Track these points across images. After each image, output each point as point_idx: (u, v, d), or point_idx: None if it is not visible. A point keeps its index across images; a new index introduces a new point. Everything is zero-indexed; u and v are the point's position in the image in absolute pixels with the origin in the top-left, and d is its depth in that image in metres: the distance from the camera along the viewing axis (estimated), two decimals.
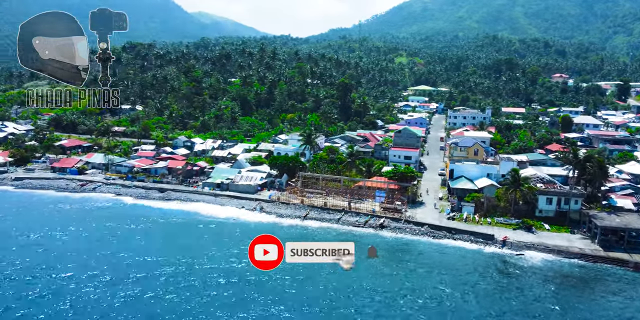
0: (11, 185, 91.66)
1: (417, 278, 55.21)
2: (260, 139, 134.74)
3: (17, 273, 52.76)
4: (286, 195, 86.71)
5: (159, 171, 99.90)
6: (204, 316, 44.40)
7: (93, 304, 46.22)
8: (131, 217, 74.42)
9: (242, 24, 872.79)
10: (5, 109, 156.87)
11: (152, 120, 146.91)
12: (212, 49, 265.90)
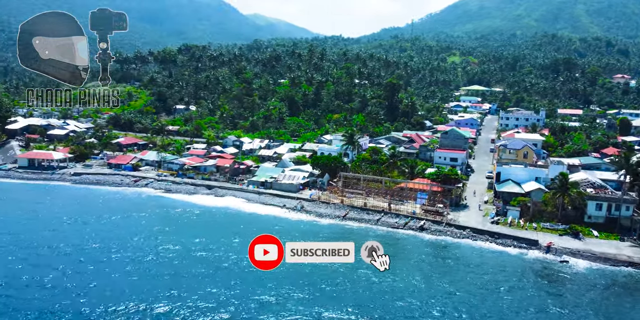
0: (69, 180, 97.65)
1: (453, 281, 54.45)
2: (305, 139, 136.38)
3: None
4: (326, 194, 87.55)
5: (208, 169, 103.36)
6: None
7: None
8: (180, 212, 77.62)
9: (295, 25, 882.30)
10: (68, 108, 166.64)
11: (205, 120, 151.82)
12: (264, 50, 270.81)
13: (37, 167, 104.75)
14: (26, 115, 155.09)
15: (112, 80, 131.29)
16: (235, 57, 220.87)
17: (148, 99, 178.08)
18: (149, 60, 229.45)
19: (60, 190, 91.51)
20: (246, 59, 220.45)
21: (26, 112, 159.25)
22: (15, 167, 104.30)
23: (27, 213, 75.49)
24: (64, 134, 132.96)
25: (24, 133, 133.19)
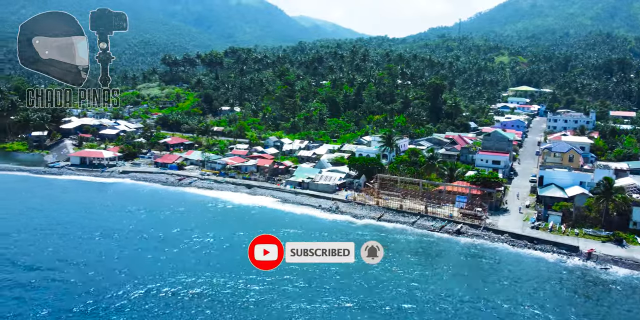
0: (118, 178, 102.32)
1: (488, 286, 53.64)
2: (345, 140, 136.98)
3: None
4: (362, 196, 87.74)
5: (248, 169, 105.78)
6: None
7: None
8: (217, 210, 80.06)
9: (340, 26, 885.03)
10: (120, 109, 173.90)
11: (248, 121, 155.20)
12: (307, 52, 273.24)
13: (88, 165, 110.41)
14: (80, 115, 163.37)
15: (161, 82, 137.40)
16: (279, 59, 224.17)
17: (195, 101, 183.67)
18: (196, 62, 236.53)
19: (109, 187, 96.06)
20: (289, 61, 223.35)
21: (80, 112, 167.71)
22: (68, 165, 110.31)
23: (78, 207, 79.89)
24: (114, 134, 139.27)
25: (78, 132, 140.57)
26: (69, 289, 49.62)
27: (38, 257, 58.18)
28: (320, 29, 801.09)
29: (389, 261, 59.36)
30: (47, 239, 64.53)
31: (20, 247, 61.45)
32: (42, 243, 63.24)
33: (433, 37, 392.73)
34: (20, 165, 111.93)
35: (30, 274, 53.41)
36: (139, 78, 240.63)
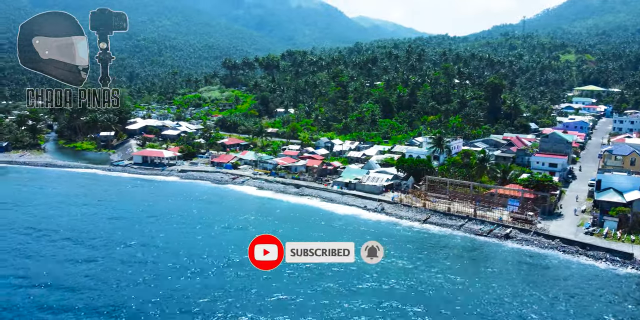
0: (177, 176, 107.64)
1: (533, 292, 52.22)
2: (396, 141, 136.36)
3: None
4: (409, 197, 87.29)
5: (298, 169, 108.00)
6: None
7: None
8: (264, 208, 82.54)
9: (401, 26, 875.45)
10: (182, 110, 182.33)
11: (301, 122, 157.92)
12: (363, 53, 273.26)
13: (149, 163, 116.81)
14: (144, 117, 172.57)
15: (222, 84, 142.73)
16: (333, 61, 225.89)
17: (252, 103, 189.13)
18: (255, 66, 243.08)
19: (168, 185, 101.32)
20: (343, 63, 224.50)
21: (145, 113, 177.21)
22: (131, 164, 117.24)
23: (139, 202, 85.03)
24: (176, 134, 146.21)
25: (142, 133, 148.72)
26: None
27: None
28: (380, 29, 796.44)
29: (433, 263, 59.07)
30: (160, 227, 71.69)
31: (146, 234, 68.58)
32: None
33: (496, 35, 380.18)
34: (88, 163, 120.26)
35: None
36: (201, 81, 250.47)
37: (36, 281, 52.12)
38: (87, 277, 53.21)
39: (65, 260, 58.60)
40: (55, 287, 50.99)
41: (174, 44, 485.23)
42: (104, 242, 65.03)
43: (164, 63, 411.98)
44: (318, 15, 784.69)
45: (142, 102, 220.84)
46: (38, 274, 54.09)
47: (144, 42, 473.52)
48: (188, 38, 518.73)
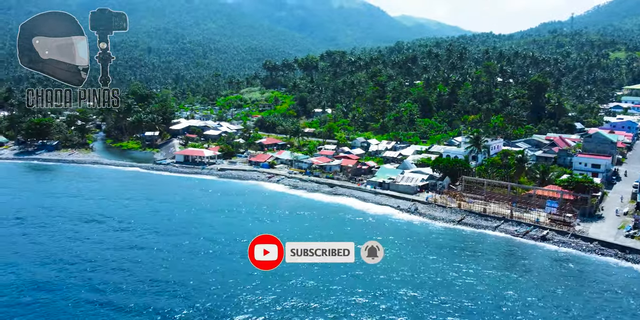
0: (215, 175, 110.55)
1: (570, 296, 50.84)
2: (435, 141, 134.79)
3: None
4: (444, 198, 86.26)
5: (332, 168, 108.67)
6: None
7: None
8: (297, 206, 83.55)
9: (445, 24, 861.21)
10: (224, 111, 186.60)
11: (338, 123, 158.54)
12: (404, 52, 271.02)
13: (190, 162, 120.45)
14: (188, 117, 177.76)
15: (262, 86, 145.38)
16: (372, 61, 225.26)
17: (291, 103, 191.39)
18: (294, 67, 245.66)
19: (206, 182, 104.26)
20: (382, 62, 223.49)
21: (188, 114, 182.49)
22: (173, 162, 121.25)
23: (179, 198, 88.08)
24: (217, 134, 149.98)
25: (185, 133, 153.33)
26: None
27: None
28: (423, 27, 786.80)
29: (465, 264, 58.40)
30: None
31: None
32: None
33: (544, 33, 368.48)
34: (133, 161, 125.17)
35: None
36: (243, 83, 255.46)
37: (86, 264, 56.14)
38: (131, 261, 55.97)
39: (113, 246, 63.08)
40: (103, 269, 54.96)
41: (218, 46, 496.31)
42: (148, 232, 69.46)
43: (209, 65, 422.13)
44: (360, 15, 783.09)
45: (186, 103, 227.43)
46: (88, 257, 58.45)
47: (190, 45, 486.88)
48: (232, 41, 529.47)
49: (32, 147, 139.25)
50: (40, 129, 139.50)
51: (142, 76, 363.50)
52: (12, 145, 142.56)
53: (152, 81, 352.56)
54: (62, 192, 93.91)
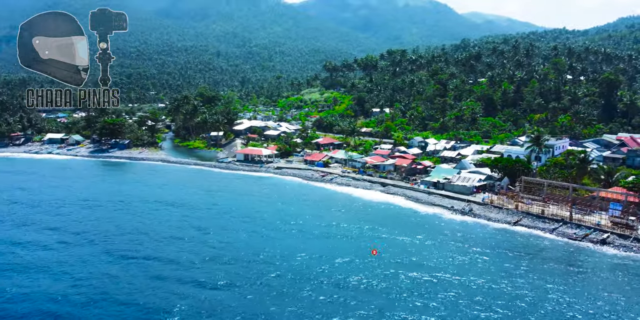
0: (272, 173, 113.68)
1: (630, 300, 48.23)
2: (497, 140, 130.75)
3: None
4: (501, 199, 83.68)
5: (386, 168, 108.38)
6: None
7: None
8: (350, 204, 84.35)
9: (516, 21, 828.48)
10: (284, 112, 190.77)
11: (396, 122, 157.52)
12: (469, 49, 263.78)
13: (249, 161, 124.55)
14: (250, 118, 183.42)
15: (322, 87, 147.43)
16: (433, 59, 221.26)
17: (349, 104, 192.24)
18: (354, 67, 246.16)
19: (263, 180, 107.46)
20: (445, 60, 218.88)
21: (251, 115, 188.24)
22: (234, 160, 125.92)
23: (235, 194, 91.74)
24: (276, 134, 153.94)
25: (247, 133, 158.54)
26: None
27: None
28: (493, 24, 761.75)
29: (517, 267, 56.73)
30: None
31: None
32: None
33: (621, 28, 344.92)
34: (197, 159, 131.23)
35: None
36: (304, 84, 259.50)
37: (152, 253, 59.88)
38: (184, 251, 59.17)
39: (173, 236, 67.12)
40: (163, 258, 58.07)
41: (283, 49, 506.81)
42: (209, 222, 74.26)
43: (273, 68, 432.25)
44: (426, 13, 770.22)
45: (250, 105, 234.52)
46: (152, 247, 62.34)
47: (256, 48, 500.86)
48: (297, 43, 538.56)
49: (106, 146, 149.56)
50: (113, 128, 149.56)
51: (211, 79, 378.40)
52: (88, 144, 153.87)
53: (219, 84, 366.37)
54: (133, 183, 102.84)
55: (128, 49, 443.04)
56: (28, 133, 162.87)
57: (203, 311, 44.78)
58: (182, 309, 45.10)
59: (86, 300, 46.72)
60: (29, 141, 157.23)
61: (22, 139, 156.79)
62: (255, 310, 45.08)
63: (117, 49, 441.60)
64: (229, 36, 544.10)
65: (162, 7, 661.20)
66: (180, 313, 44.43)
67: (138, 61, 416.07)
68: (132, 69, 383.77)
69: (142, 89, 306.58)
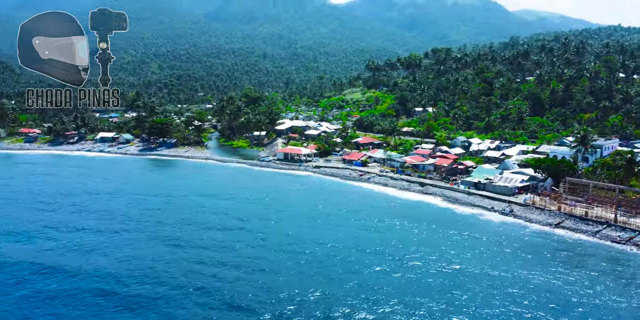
0: (310, 171, 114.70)
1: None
2: (544, 140, 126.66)
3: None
4: (543, 200, 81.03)
5: (426, 167, 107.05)
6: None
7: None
8: (385, 204, 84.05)
9: (570, 18, 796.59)
10: (326, 112, 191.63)
11: (439, 121, 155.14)
12: (519, 47, 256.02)
13: (289, 160, 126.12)
14: (292, 118, 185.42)
15: (364, 86, 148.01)
16: (479, 57, 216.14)
17: (391, 103, 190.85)
18: (397, 66, 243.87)
19: (300, 178, 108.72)
20: (491, 58, 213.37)
21: (293, 115, 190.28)
22: (274, 159, 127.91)
23: (274, 191, 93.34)
24: (316, 134, 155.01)
25: (288, 132, 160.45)
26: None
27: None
28: (545, 21, 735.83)
29: (557, 269, 55.05)
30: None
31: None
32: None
33: None
34: (240, 158, 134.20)
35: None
36: (346, 84, 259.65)
37: (195, 242, 62.70)
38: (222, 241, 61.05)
39: (215, 227, 70.09)
40: (210, 247, 60.73)
41: (327, 49, 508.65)
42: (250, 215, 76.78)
43: (318, 69, 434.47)
44: (475, 10, 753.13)
45: (293, 105, 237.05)
46: (194, 236, 65.51)
47: (301, 50, 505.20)
48: (341, 43, 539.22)
49: (154, 144, 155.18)
50: (161, 128, 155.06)
51: (256, 80, 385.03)
52: (137, 142, 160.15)
53: (265, 85, 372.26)
54: (179, 179, 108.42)
55: (178, 51, 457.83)
56: (81, 132, 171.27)
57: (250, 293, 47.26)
58: (227, 289, 48.37)
59: (139, 280, 50.33)
60: (82, 139, 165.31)
61: (75, 138, 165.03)
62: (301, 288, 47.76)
63: (168, 51, 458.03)
64: (275, 38, 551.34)
65: (211, 11, 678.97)
66: (230, 292, 47.50)
67: (188, 63, 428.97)
68: (182, 71, 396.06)
69: (191, 91, 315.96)
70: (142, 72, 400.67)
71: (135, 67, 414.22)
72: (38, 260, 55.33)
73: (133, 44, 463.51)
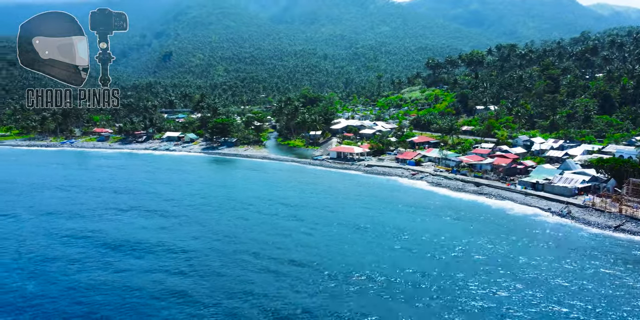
0: (362, 170, 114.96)
1: None
2: (612, 140, 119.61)
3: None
4: (604, 201, 76.74)
5: (482, 167, 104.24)
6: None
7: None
8: (432, 202, 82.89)
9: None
10: (382, 111, 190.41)
11: (500, 120, 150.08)
12: (589, 43, 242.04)
13: (342, 158, 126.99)
14: (348, 118, 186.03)
15: (424, 84, 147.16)
16: (545, 53, 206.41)
17: (451, 101, 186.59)
18: (458, 63, 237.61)
19: (351, 177, 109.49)
20: (558, 54, 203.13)
21: (349, 115, 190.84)
22: (327, 158, 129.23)
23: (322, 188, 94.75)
24: (371, 133, 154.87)
25: (343, 132, 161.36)
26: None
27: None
28: (621, 16, 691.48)
29: (612, 276, 52.44)
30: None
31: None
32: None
33: None
34: (295, 157, 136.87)
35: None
36: (404, 83, 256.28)
37: (239, 237, 64.78)
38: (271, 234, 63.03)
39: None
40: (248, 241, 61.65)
41: (389, 49, 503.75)
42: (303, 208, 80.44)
43: (378, 68, 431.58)
44: (545, 5, 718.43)
45: (350, 105, 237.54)
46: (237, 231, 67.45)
47: (362, 50, 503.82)
48: (403, 42, 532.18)
49: (216, 143, 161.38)
50: (222, 127, 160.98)
51: (316, 81, 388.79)
52: (201, 142, 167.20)
53: (324, 85, 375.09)
54: (236, 176, 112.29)
55: (243, 54, 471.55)
56: (149, 131, 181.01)
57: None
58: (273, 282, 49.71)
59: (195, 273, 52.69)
60: (149, 139, 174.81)
61: (144, 137, 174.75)
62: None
63: (233, 54, 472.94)
64: (337, 39, 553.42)
65: (275, 13, 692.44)
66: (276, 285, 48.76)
67: (252, 66, 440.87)
68: (245, 73, 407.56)
69: (253, 92, 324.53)
70: (208, 74, 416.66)
71: (202, 70, 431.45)
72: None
73: (201, 48, 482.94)
